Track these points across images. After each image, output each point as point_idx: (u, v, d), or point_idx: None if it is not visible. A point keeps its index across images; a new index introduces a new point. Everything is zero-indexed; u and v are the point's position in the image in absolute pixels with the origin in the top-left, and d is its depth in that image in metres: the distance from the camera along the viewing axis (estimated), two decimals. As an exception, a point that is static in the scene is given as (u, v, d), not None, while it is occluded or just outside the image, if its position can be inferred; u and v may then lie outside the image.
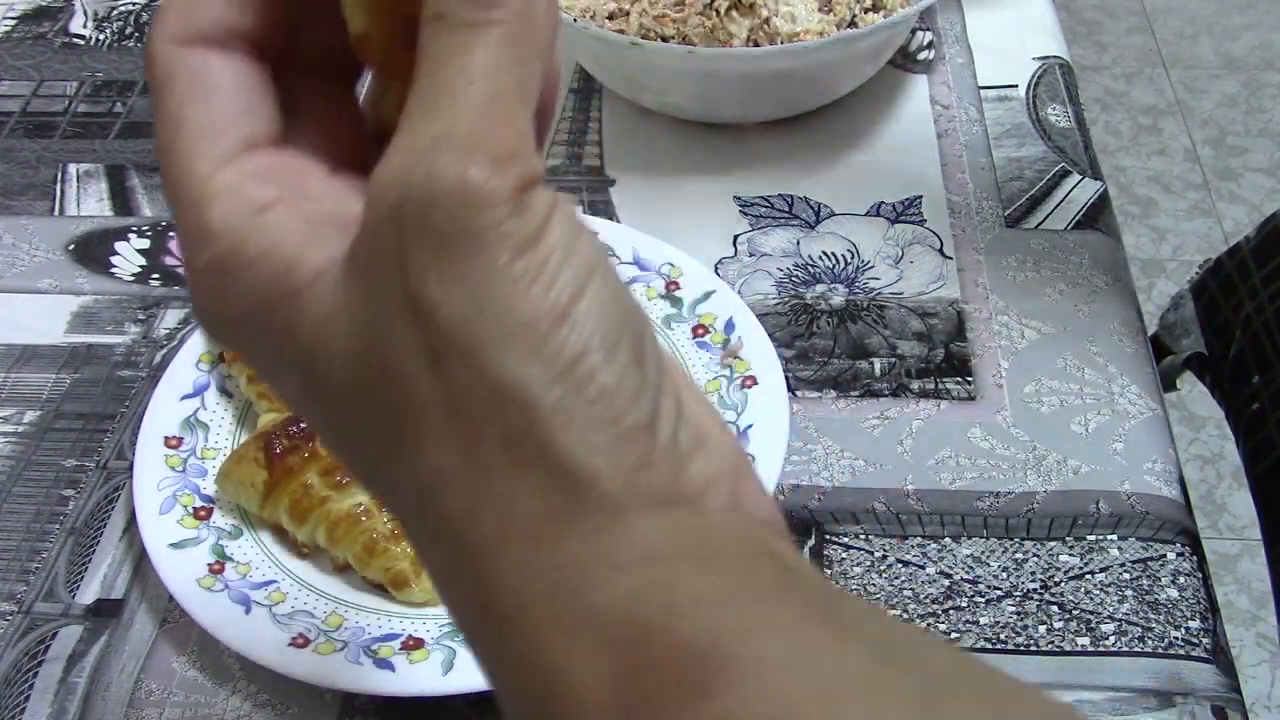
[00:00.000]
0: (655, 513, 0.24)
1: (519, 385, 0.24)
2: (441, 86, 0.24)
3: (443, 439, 0.24)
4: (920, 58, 0.84)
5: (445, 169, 0.23)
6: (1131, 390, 0.62)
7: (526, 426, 0.24)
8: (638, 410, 0.24)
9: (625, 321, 0.25)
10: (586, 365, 0.24)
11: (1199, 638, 0.52)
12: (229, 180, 0.26)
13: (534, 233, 0.24)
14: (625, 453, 0.24)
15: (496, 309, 0.23)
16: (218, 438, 0.60)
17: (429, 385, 0.24)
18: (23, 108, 0.85)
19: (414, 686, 0.50)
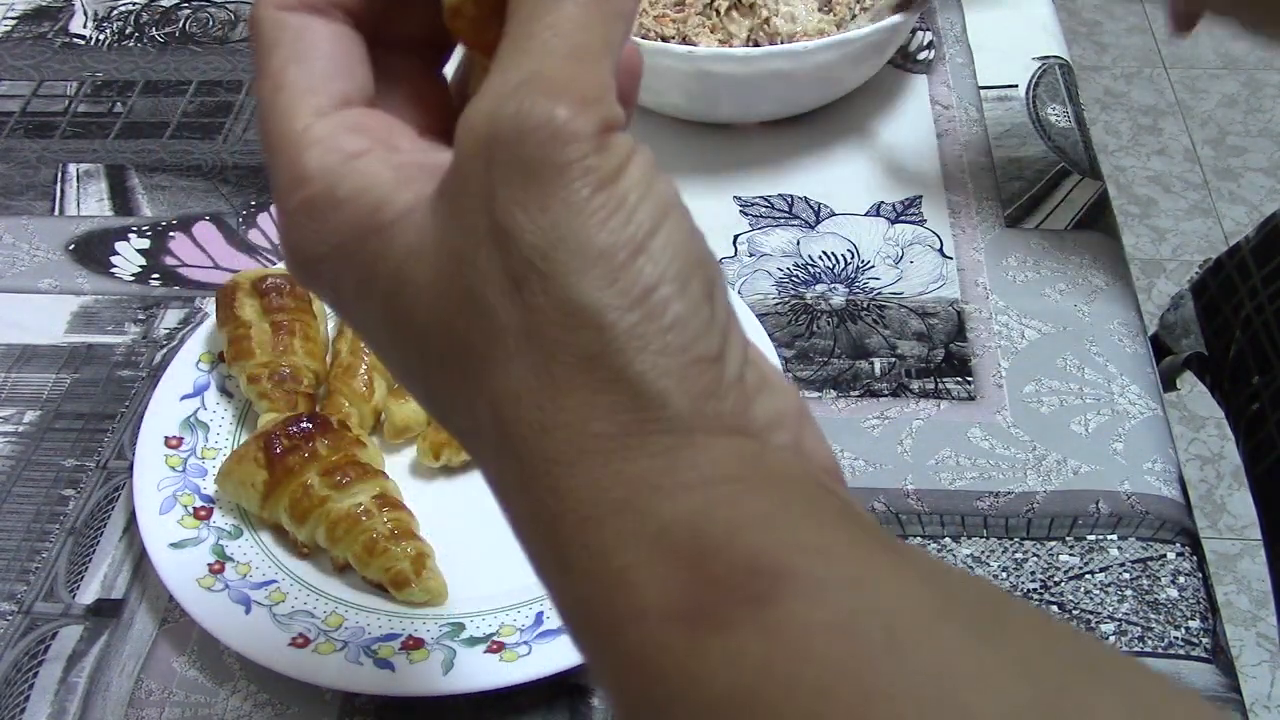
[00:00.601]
0: (721, 438, 0.25)
1: (596, 309, 0.25)
2: (531, 36, 0.26)
3: (520, 359, 0.25)
4: (920, 58, 0.84)
5: (534, 106, 0.25)
6: (1131, 390, 0.62)
7: (601, 348, 0.25)
8: (707, 342, 0.26)
9: (698, 260, 0.26)
10: (660, 295, 0.25)
11: (1199, 638, 0.52)
12: (324, 130, 0.28)
13: (614, 170, 0.25)
14: (694, 380, 0.25)
15: (577, 238, 0.25)
16: (218, 438, 0.60)
17: (509, 308, 0.25)
18: (23, 108, 0.85)
19: (414, 686, 0.50)
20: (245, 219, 0.75)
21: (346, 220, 0.27)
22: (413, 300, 0.27)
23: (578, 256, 0.25)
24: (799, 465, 0.27)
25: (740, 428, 0.26)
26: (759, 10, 0.74)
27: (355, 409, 0.60)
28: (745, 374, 0.27)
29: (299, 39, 0.29)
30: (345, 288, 0.28)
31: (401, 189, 0.27)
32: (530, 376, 0.25)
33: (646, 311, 0.25)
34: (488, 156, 0.25)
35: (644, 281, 0.25)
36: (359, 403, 0.60)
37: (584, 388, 0.25)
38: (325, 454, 0.55)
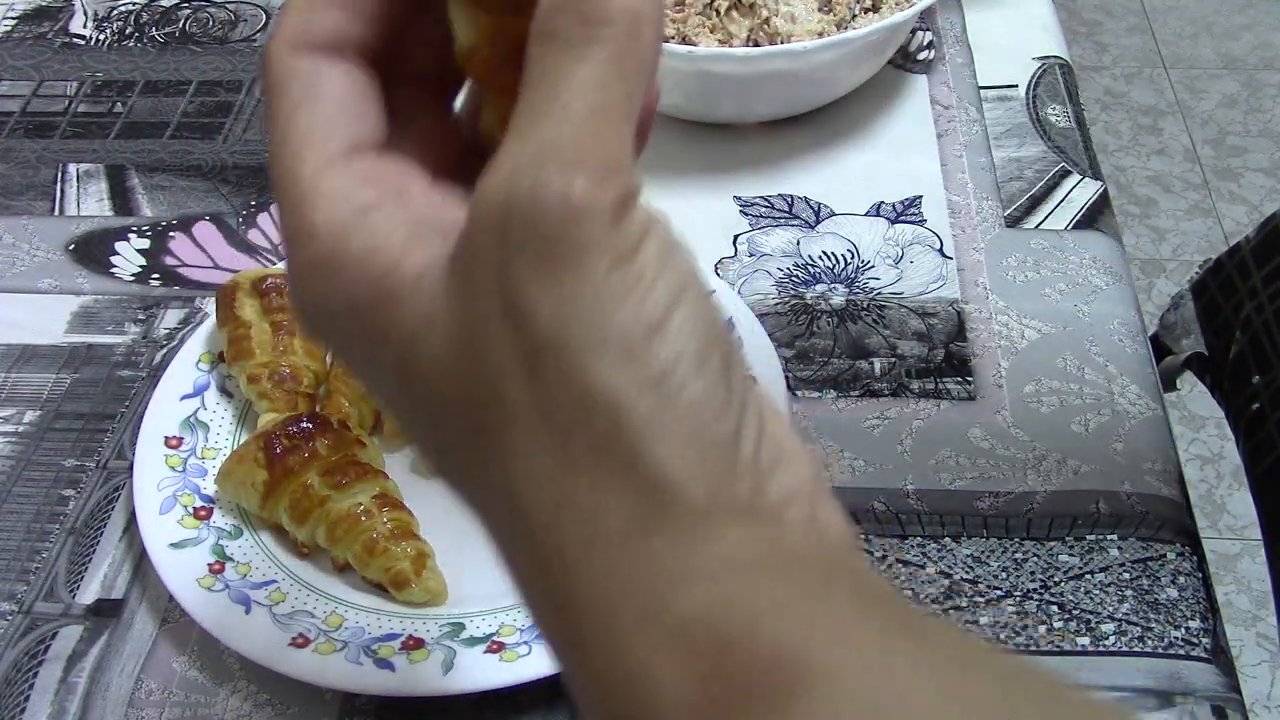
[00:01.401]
0: (737, 524, 0.25)
1: (611, 392, 0.24)
2: (548, 99, 0.25)
3: (534, 442, 0.25)
4: (920, 58, 0.84)
5: (550, 179, 0.24)
6: (1131, 390, 0.62)
7: (616, 433, 0.24)
8: (724, 423, 0.25)
9: (715, 337, 0.26)
10: (677, 377, 0.25)
11: (1199, 638, 0.52)
12: (334, 182, 0.27)
13: (632, 246, 0.25)
14: (710, 465, 0.25)
15: (593, 317, 0.24)
16: (218, 438, 0.60)
17: (523, 389, 0.25)
18: (23, 108, 0.85)
19: (414, 686, 0.50)
20: (245, 219, 0.75)
21: (356, 282, 0.27)
22: (425, 370, 0.26)
23: (593, 337, 0.24)
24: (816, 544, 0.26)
25: (756, 509, 0.25)
26: (759, 10, 0.74)
27: (355, 409, 0.60)
28: (761, 450, 0.26)
29: (310, 82, 0.28)
30: (355, 349, 0.28)
31: (413, 250, 0.26)
32: (545, 459, 0.25)
33: (663, 395, 0.25)
34: (503, 231, 0.25)
35: (660, 363, 0.25)
36: (359, 403, 0.60)
37: (599, 473, 0.25)
38: (325, 454, 0.55)
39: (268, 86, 0.28)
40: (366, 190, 0.27)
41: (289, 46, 0.28)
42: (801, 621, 0.24)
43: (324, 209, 0.27)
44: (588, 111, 0.25)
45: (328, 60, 0.28)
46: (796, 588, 0.25)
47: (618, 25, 0.26)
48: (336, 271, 0.27)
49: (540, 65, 0.26)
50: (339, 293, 0.27)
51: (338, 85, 0.28)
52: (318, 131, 0.28)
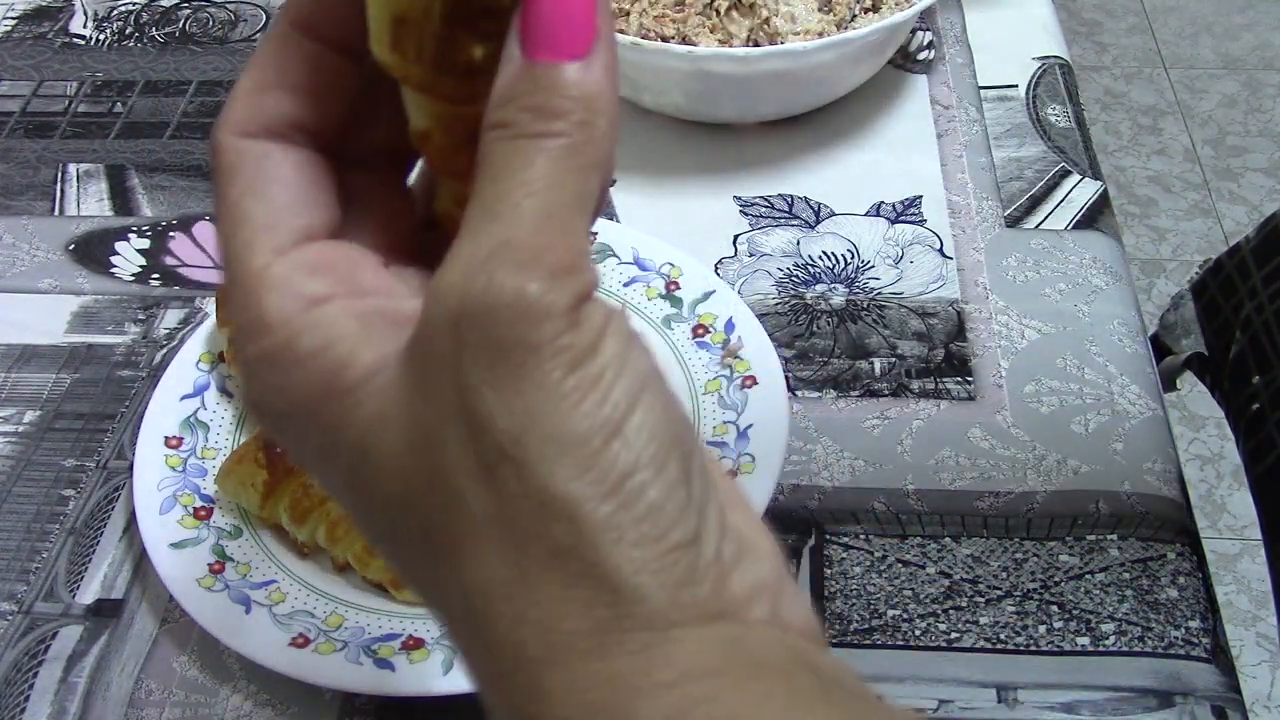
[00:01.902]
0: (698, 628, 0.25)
1: (569, 500, 0.24)
2: (501, 196, 0.25)
3: (491, 549, 0.24)
4: (920, 58, 0.84)
5: (504, 281, 0.24)
6: (1131, 390, 0.62)
7: (575, 541, 0.24)
8: (684, 527, 0.25)
9: (675, 438, 0.25)
10: (636, 482, 0.24)
11: (1199, 638, 0.52)
12: (284, 272, 0.27)
13: (588, 347, 0.24)
14: (670, 570, 0.24)
15: (550, 423, 0.24)
16: (218, 438, 0.60)
17: (480, 495, 0.24)
18: (23, 108, 0.85)
19: (414, 686, 0.50)
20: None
21: (308, 379, 0.26)
22: (379, 471, 0.26)
23: (551, 443, 0.24)
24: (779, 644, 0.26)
25: (718, 611, 0.25)
26: (759, 10, 0.74)
27: (355, 409, 0.60)
28: (723, 548, 0.26)
29: (258, 168, 0.27)
30: (307, 447, 0.27)
31: (365, 345, 0.26)
32: (502, 568, 0.24)
33: (622, 501, 0.24)
34: (457, 334, 0.24)
35: (619, 468, 0.24)
36: (359, 403, 0.60)
37: (558, 582, 0.24)
38: (325, 454, 0.55)
39: (216, 171, 0.28)
40: (317, 282, 0.27)
41: (237, 131, 0.27)
42: None
43: (274, 301, 0.26)
44: (542, 210, 0.24)
45: (278, 145, 0.28)
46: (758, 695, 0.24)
47: (571, 117, 0.25)
48: (288, 368, 0.26)
49: (492, 160, 0.25)
50: (292, 388, 0.26)
51: (288, 171, 0.28)
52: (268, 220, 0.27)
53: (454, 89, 0.26)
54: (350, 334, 0.26)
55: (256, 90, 0.28)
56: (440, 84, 0.27)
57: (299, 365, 0.26)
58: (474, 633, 0.25)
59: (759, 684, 0.24)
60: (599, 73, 0.25)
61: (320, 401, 0.26)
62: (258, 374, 0.27)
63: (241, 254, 0.27)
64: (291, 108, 0.28)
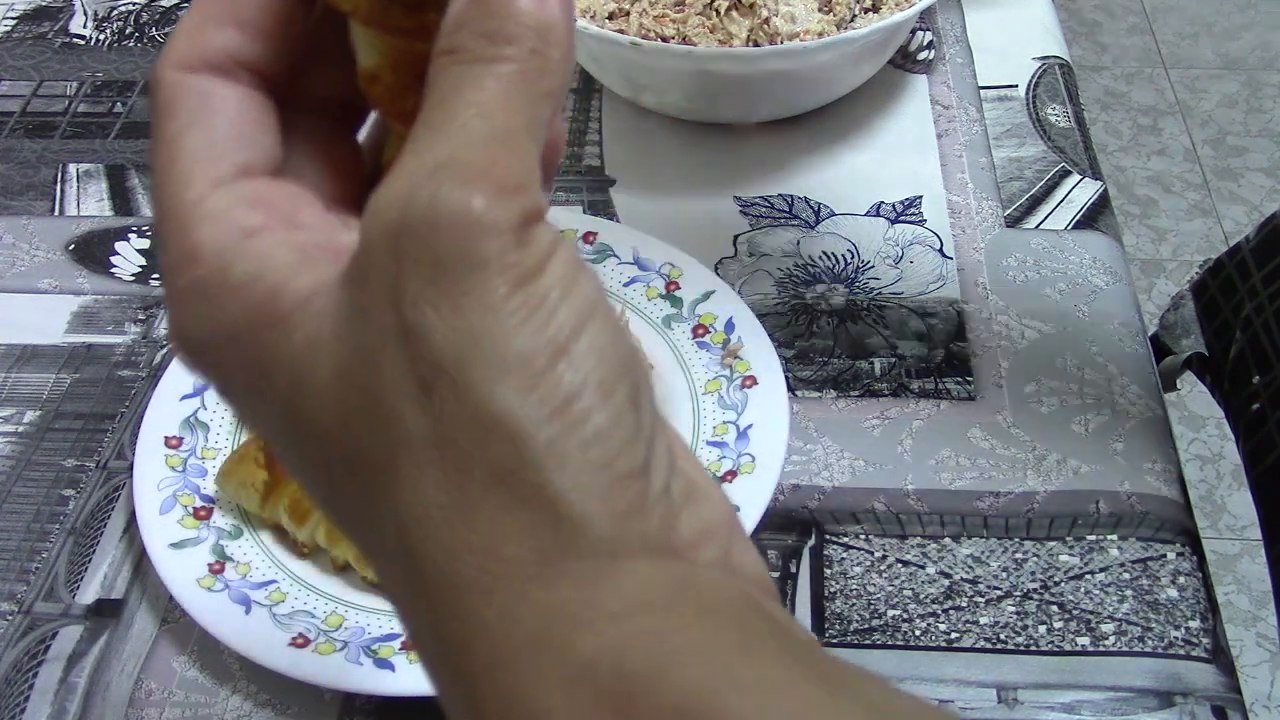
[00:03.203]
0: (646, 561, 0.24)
1: (512, 420, 0.23)
2: (449, 116, 0.24)
3: (428, 472, 0.23)
4: (920, 58, 0.84)
5: (449, 195, 0.23)
6: (1131, 390, 0.62)
7: (517, 463, 0.23)
8: (631, 455, 0.24)
9: (623, 365, 0.24)
10: (582, 405, 0.23)
11: (1199, 638, 0.52)
12: (219, 204, 0.26)
13: (534, 266, 0.23)
14: (617, 498, 0.23)
15: (492, 341, 0.23)
16: (218, 438, 0.60)
17: (417, 415, 0.23)
18: (23, 108, 0.85)
19: (414, 686, 0.50)
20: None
21: (240, 307, 0.25)
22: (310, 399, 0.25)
23: (493, 361, 0.23)
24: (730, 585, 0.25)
25: (666, 547, 0.24)
26: (759, 10, 0.74)
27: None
28: (672, 485, 0.25)
29: (200, 104, 0.26)
30: (236, 381, 0.26)
31: (300, 273, 0.25)
32: (438, 492, 0.23)
33: (567, 423, 0.23)
34: (396, 247, 0.23)
35: (565, 389, 0.23)
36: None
37: (498, 506, 0.23)
38: (325, 454, 0.55)
39: (154, 107, 0.27)
40: (254, 214, 0.26)
41: (179, 66, 0.27)
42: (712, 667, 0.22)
43: (208, 230, 0.25)
44: (490, 130, 0.24)
45: (220, 81, 0.27)
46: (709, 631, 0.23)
47: (523, 43, 0.24)
48: (219, 298, 0.25)
49: (441, 84, 0.25)
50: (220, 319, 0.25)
51: (230, 106, 0.27)
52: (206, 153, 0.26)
53: (403, 20, 0.26)
54: (285, 263, 0.25)
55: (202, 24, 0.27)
56: (389, 15, 0.26)
57: (231, 294, 0.25)
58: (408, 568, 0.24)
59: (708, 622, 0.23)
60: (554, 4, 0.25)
61: (252, 330, 0.25)
62: (186, 305, 0.26)
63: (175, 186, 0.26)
64: (237, 43, 0.27)
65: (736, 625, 0.24)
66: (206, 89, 0.27)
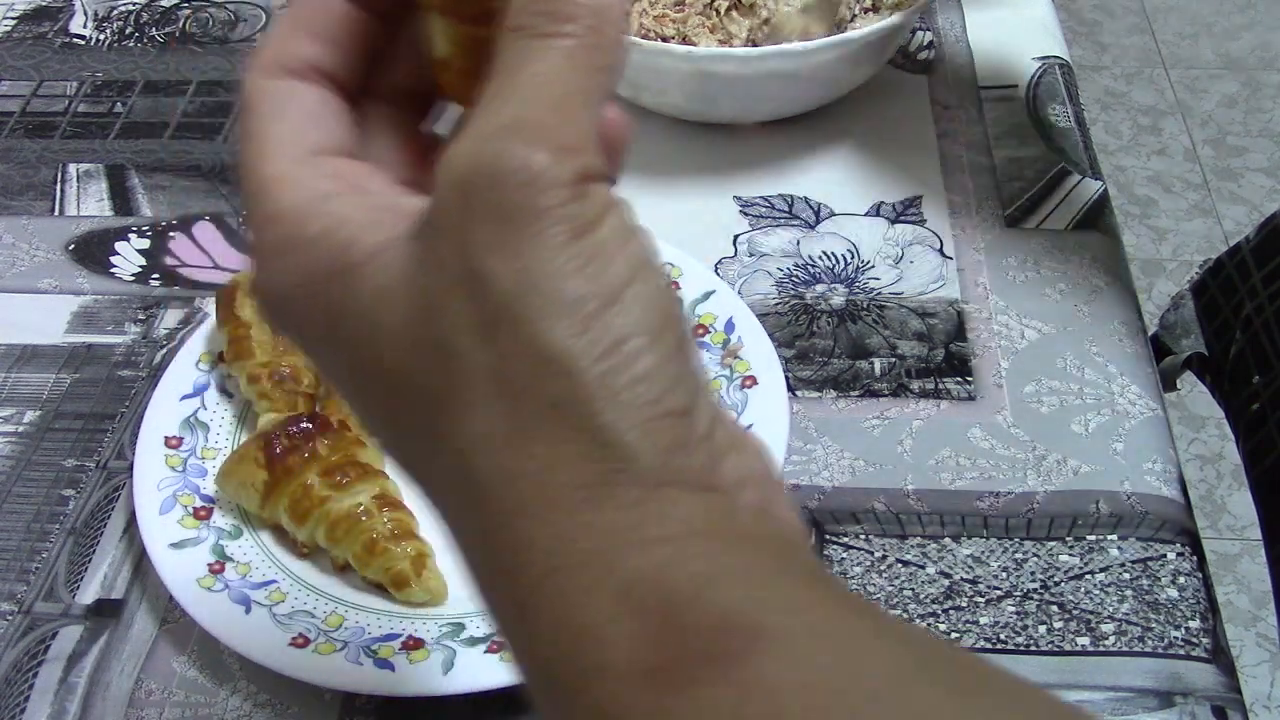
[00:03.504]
0: (690, 493, 0.25)
1: (566, 356, 0.25)
2: (513, 84, 0.27)
3: (487, 406, 0.25)
4: (920, 58, 0.84)
5: (513, 151, 0.25)
6: (1131, 390, 0.62)
7: (571, 396, 0.25)
8: (676, 397, 0.26)
9: (671, 316, 0.26)
10: (631, 346, 0.25)
11: (1199, 638, 0.52)
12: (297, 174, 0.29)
13: (591, 219, 0.26)
14: (663, 433, 0.25)
15: (550, 284, 0.25)
16: (218, 438, 0.60)
17: (479, 353, 0.25)
18: (23, 108, 0.85)
19: (414, 686, 0.50)
20: (245, 219, 0.75)
21: (315, 259, 0.27)
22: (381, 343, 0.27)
23: (550, 303, 0.25)
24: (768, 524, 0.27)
25: (709, 484, 0.26)
26: (759, 10, 0.74)
27: (355, 409, 0.60)
28: (715, 432, 0.26)
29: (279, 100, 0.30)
30: (313, 329, 0.28)
31: (372, 229, 0.27)
32: (498, 421, 0.25)
33: (617, 362, 0.25)
34: (464, 199, 0.25)
35: (615, 332, 0.25)
36: (359, 403, 0.60)
37: (552, 436, 0.25)
38: (325, 454, 0.55)
39: (242, 109, 0.30)
40: (328, 181, 0.28)
41: (262, 72, 0.30)
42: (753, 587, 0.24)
43: (287, 196, 0.28)
44: (551, 97, 0.26)
45: (296, 82, 0.30)
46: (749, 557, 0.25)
47: (582, 22, 0.27)
48: (296, 252, 0.28)
49: (507, 56, 0.27)
50: (297, 272, 0.28)
51: (305, 101, 0.30)
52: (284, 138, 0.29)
53: (472, 6, 0.28)
54: (356, 221, 0.28)
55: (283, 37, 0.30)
56: (461, 3, 0.29)
57: (308, 247, 0.28)
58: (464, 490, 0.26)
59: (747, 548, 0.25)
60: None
61: (325, 278, 0.27)
62: (268, 261, 0.28)
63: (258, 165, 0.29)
64: (313, 52, 0.30)
65: (774, 553, 0.26)
66: (284, 89, 0.30)
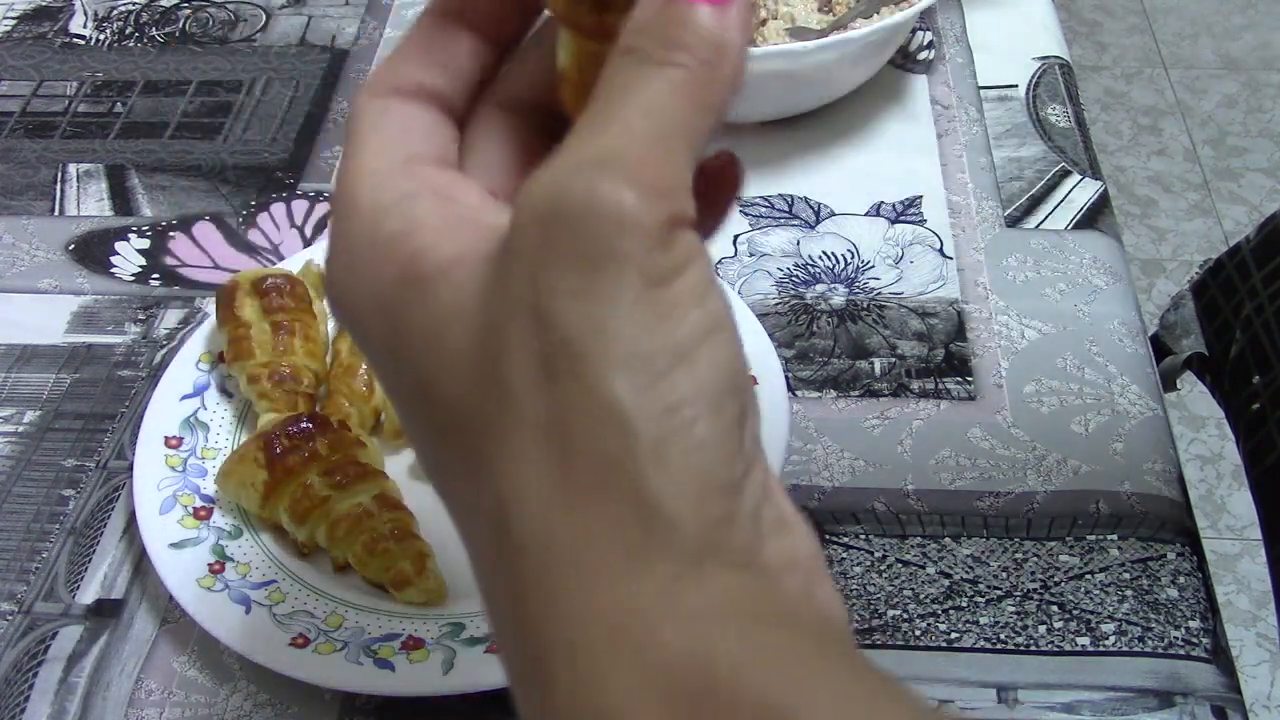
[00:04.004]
0: (730, 571, 0.24)
1: (625, 411, 0.23)
2: (614, 111, 0.25)
3: (535, 451, 0.24)
4: (920, 58, 0.84)
5: (602, 187, 0.24)
6: (1131, 390, 0.62)
7: (621, 454, 0.23)
8: (729, 470, 0.24)
9: (737, 385, 0.25)
10: (691, 412, 0.24)
11: (1199, 638, 0.52)
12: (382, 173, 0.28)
13: (672, 270, 0.24)
14: (709, 507, 0.24)
15: (619, 334, 0.24)
16: (218, 438, 0.60)
17: (535, 394, 0.24)
18: (23, 108, 0.85)
19: (414, 686, 0.50)
20: (245, 219, 0.75)
21: (384, 262, 0.27)
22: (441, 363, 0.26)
23: (617, 353, 0.24)
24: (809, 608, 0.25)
25: (751, 563, 0.24)
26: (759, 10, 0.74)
27: (355, 409, 0.60)
28: (763, 510, 0.25)
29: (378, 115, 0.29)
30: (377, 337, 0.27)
31: (445, 239, 0.26)
32: (543, 473, 0.24)
33: (674, 426, 0.24)
34: (544, 231, 0.24)
35: (678, 394, 0.24)
36: (359, 403, 0.60)
37: (596, 495, 0.24)
38: (325, 454, 0.55)
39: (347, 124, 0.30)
40: (411, 183, 0.28)
41: (370, 93, 0.30)
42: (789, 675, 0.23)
43: (367, 191, 0.27)
44: (651, 131, 0.25)
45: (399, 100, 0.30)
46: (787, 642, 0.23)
47: (697, 52, 0.25)
48: (368, 250, 0.27)
49: (613, 80, 0.26)
50: (367, 274, 0.27)
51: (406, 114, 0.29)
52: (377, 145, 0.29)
53: (586, 17, 0.28)
54: (433, 226, 0.27)
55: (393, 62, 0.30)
56: (576, 11, 0.28)
57: (379, 248, 0.27)
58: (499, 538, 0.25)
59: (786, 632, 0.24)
60: (733, 22, 0.26)
61: (396, 287, 0.26)
62: (341, 258, 0.28)
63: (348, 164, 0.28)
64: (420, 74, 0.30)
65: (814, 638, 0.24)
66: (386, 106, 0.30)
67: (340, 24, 0.90)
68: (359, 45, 0.88)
